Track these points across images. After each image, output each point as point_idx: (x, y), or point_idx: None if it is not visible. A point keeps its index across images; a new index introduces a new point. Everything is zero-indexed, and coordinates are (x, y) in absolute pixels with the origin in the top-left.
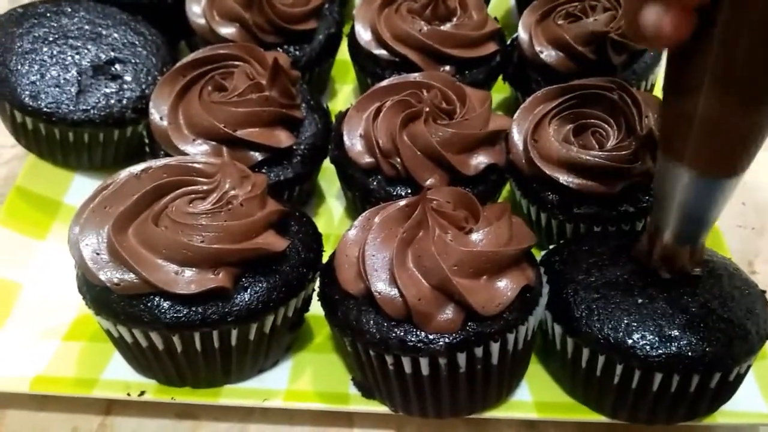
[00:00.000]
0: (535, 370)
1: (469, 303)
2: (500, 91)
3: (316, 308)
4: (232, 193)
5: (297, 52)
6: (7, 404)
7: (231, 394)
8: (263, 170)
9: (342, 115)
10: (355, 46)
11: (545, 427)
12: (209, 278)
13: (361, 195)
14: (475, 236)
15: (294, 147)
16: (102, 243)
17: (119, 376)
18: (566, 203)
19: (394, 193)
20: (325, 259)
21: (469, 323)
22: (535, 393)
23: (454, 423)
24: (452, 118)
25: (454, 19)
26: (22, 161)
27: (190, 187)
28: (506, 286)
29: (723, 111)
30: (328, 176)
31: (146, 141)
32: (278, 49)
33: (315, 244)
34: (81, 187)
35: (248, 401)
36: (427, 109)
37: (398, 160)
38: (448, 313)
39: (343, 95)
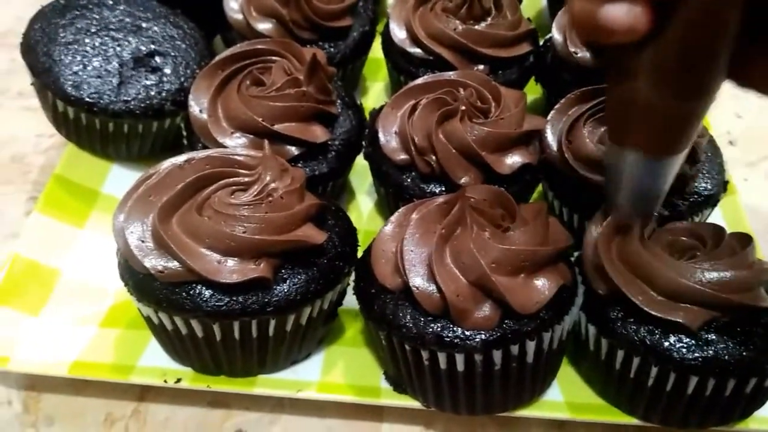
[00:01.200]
0: (565, 370)
1: (507, 301)
2: (531, 92)
3: (346, 302)
4: (273, 185)
5: (332, 49)
6: (44, 388)
7: (266, 384)
8: (299, 165)
9: (376, 112)
10: (389, 44)
11: (574, 427)
12: (251, 268)
13: (395, 191)
14: (512, 235)
15: (329, 142)
16: (147, 231)
17: (155, 363)
18: (600, 205)
19: (428, 191)
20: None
21: (506, 321)
22: (567, 393)
23: (483, 420)
24: (487, 117)
25: (489, 19)
26: (60, 151)
27: (232, 179)
28: (544, 285)
29: (659, 100)
30: (359, 173)
31: (184, 133)
32: (313, 45)
33: (351, 238)
34: (119, 177)
35: (282, 391)
36: (463, 108)
37: (433, 157)
38: (486, 310)
39: (375, 93)
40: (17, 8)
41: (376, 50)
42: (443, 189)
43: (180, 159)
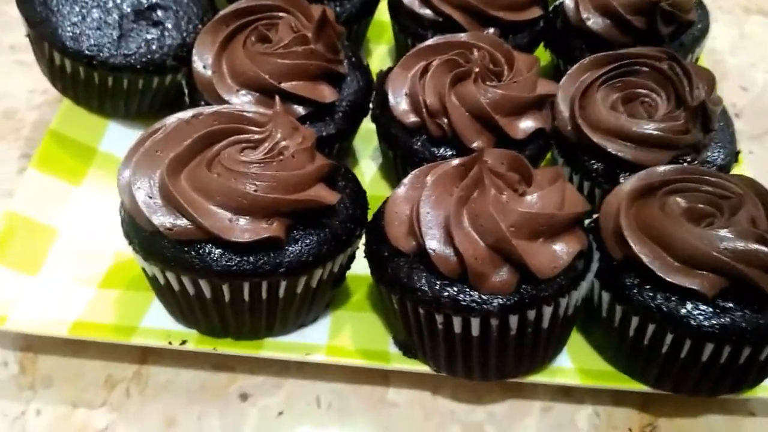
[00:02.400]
0: (574, 337)
1: (526, 264)
2: (540, 57)
3: (353, 267)
4: (284, 143)
5: (337, 8)
6: (41, 349)
7: (273, 347)
8: (305, 124)
9: (385, 74)
10: (396, 5)
11: (580, 394)
12: (263, 227)
13: (403, 154)
14: (529, 198)
15: (336, 103)
16: (154, 187)
17: (159, 325)
18: (612, 172)
19: (438, 154)
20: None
21: (524, 286)
22: (576, 360)
23: (490, 386)
24: (500, 80)
25: None
26: (53, 107)
27: (241, 135)
28: (562, 250)
29: None
30: (363, 136)
31: (186, 90)
32: (319, 3)
33: (361, 200)
34: (117, 134)
35: (290, 355)
36: (477, 70)
37: (445, 120)
38: (503, 274)
39: (379, 55)
40: None
41: (381, 12)
42: (454, 152)
43: (187, 114)
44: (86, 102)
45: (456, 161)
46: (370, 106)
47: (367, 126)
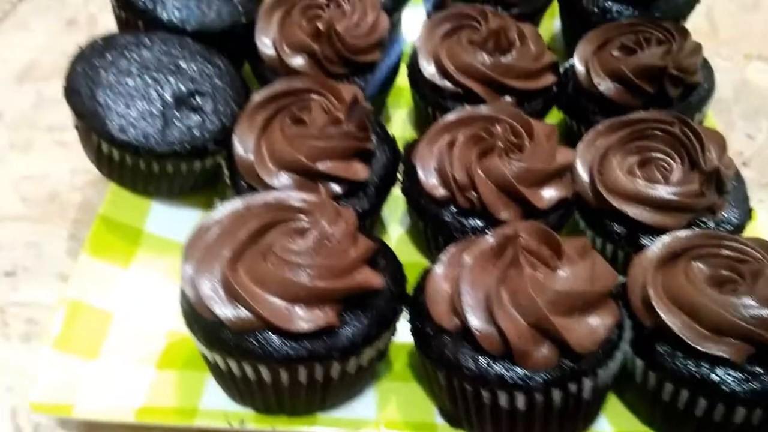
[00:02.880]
0: (610, 399)
1: (566, 340)
2: (552, 116)
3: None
4: (329, 230)
5: (362, 83)
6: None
7: (326, 422)
8: (341, 201)
9: (411, 146)
10: (416, 77)
11: None
12: (320, 315)
13: (434, 225)
14: (563, 275)
15: (368, 178)
16: (216, 281)
17: (216, 405)
18: (633, 235)
19: (468, 225)
20: None
21: (564, 360)
22: (614, 423)
23: None
24: (522, 151)
25: (514, 51)
26: (96, 187)
27: (290, 224)
28: (598, 323)
29: None
30: (388, 203)
31: (226, 171)
32: (344, 79)
33: (400, 275)
34: (160, 214)
35: (343, 429)
36: (501, 145)
37: (474, 194)
38: (545, 350)
39: (398, 120)
40: (38, 40)
41: (399, 77)
42: (484, 224)
43: (238, 205)
44: (131, 185)
45: (491, 239)
46: (398, 176)
47: (393, 192)
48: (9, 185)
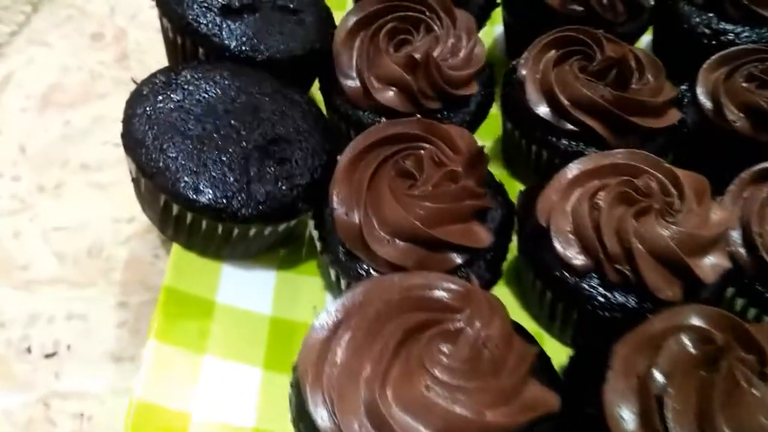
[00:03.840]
0: None
1: None
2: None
3: None
4: (484, 333)
5: (456, 119)
6: None
7: None
8: (458, 273)
9: (528, 198)
10: (516, 107)
11: None
12: None
13: (569, 298)
14: None
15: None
16: (362, 414)
17: None
18: None
19: (616, 302)
20: None
21: None
22: None
23: None
24: (675, 212)
25: (633, 83)
26: (145, 240)
27: (438, 327)
28: None
29: None
30: None
31: (317, 234)
32: (437, 114)
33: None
34: (232, 280)
35: None
36: (657, 206)
37: (628, 266)
38: None
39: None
40: (60, 58)
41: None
42: (637, 300)
43: (370, 312)
44: (201, 249)
45: (691, 349)
46: (517, 236)
47: None
48: (38, 238)
